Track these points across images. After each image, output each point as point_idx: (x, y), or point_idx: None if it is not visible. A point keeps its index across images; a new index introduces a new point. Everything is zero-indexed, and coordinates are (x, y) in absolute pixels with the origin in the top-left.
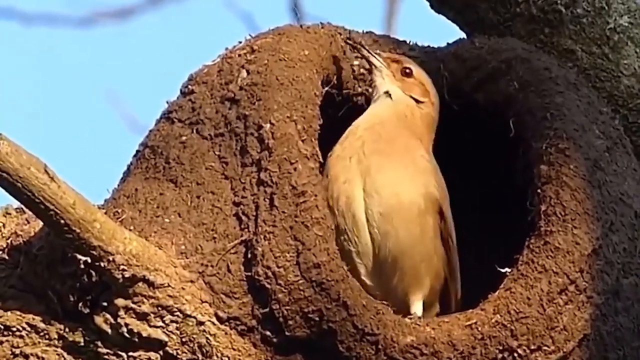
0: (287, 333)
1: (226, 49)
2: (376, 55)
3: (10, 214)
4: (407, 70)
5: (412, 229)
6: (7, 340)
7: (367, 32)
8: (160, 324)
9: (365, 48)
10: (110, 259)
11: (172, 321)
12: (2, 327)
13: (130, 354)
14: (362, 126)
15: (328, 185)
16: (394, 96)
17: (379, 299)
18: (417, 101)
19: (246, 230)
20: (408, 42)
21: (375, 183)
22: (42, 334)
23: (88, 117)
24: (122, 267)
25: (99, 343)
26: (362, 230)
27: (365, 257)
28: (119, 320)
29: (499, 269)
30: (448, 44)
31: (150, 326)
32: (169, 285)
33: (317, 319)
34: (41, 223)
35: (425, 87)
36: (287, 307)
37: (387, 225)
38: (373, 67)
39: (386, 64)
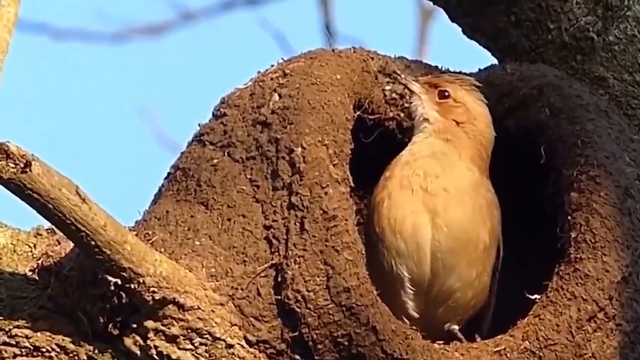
0: (316, 357)
1: (258, 72)
2: (414, 82)
3: (41, 234)
4: (446, 93)
5: (476, 265)
6: None
7: (399, 57)
8: (190, 346)
9: (401, 75)
10: (141, 280)
11: (201, 344)
12: (31, 347)
13: None
14: (420, 156)
15: (387, 207)
16: (431, 120)
17: (415, 322)
18: (457, 122)
19: (276, 253)
20: (440, 67)
21: (445, 219)
22: (71, 355)
23: (119, 133)
24: (152, 289)
25: None
26: (424, 260)
27: (418, 285)
28: (148, 342)
29: (528, 295)
30: (479, 69)
31: (179, 349)
32: (198, 308)
33: (346, 343)
34: (72, 244)
35: (466, 105)
36: (317, 331)
37: (453, 260)
38: (412, 93)
39: (425, 90)
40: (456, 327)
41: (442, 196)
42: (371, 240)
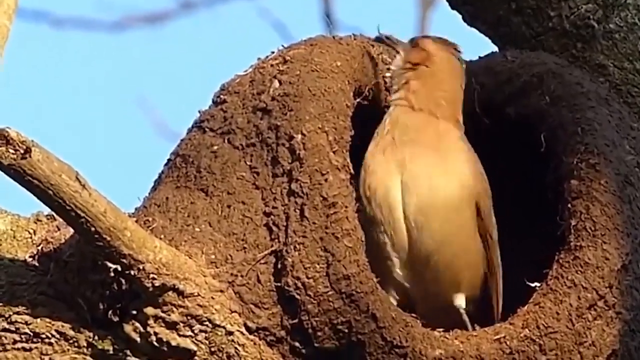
0: (315, 344)
1: (258, 59)
2: (398, 45)
3: (41, 220)
4: (414, 43)
5: (447, 223)
6: (36, 347)
7: None
8: (190, 333)
9: (392, 39)
10: (140, 267)
11: (201, 331)
12: (31, 333)
13: None
14: (388, 120)
15: (365, 179)
16: (394, 68)
17: (412, 294)
18: (413, 64)
19: (276, 240)
20: None
21: (412, 175)
22: (71, 341)
23: (118, 122)
24: (152, 275)
25: (128, 352)
26: (398, 222)
27: (400, 250)
28: (148, 329)
29: (528, 283)
30: (480, 57)
31: (179, 335)
32: (198, 295)
33: (346, 330)
34: (72, 230)
35: (426, 50)
36: (316, 318)
37: (421, 217)
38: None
39: (404, 48)
40: (462, 304)
41: (409, 150)
42: (361, 217)
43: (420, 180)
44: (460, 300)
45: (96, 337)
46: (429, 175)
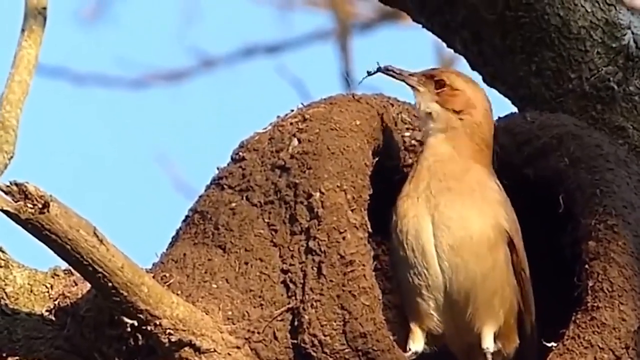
0: None
1: (278, 116)
2: (411, 77)
3: (58, 275)
4: (441, 82)
5: (482, 261)
6: None
7: None
8: None
9: (396, 71)
10: (157, 323)
11: None
12: None
13: None
14: (424, 165)
15: (397, 223)
16: (434, 115)
17: (449, 335)
18: (456, 111)
19: (293, 297)
20: None
21: (444, 217)
22: None
23: (137, 178)
24: (168, 331)
25: None
26: (432, 263)
27: (435, 291)
28: None
29: (545, 343)
30: (499, 117)
31: None
32: (215, 351)
33: None
34: (89, 285)
35: (464, 93)
36: None
37: (456, 258)
38: (411, 88)
39: (421, 82)
40: (490, 346)
41: (444, 196)
42: (394, 259)
43: (454, 221)
44: (488, 342)
45: None
46: (462, 216)
